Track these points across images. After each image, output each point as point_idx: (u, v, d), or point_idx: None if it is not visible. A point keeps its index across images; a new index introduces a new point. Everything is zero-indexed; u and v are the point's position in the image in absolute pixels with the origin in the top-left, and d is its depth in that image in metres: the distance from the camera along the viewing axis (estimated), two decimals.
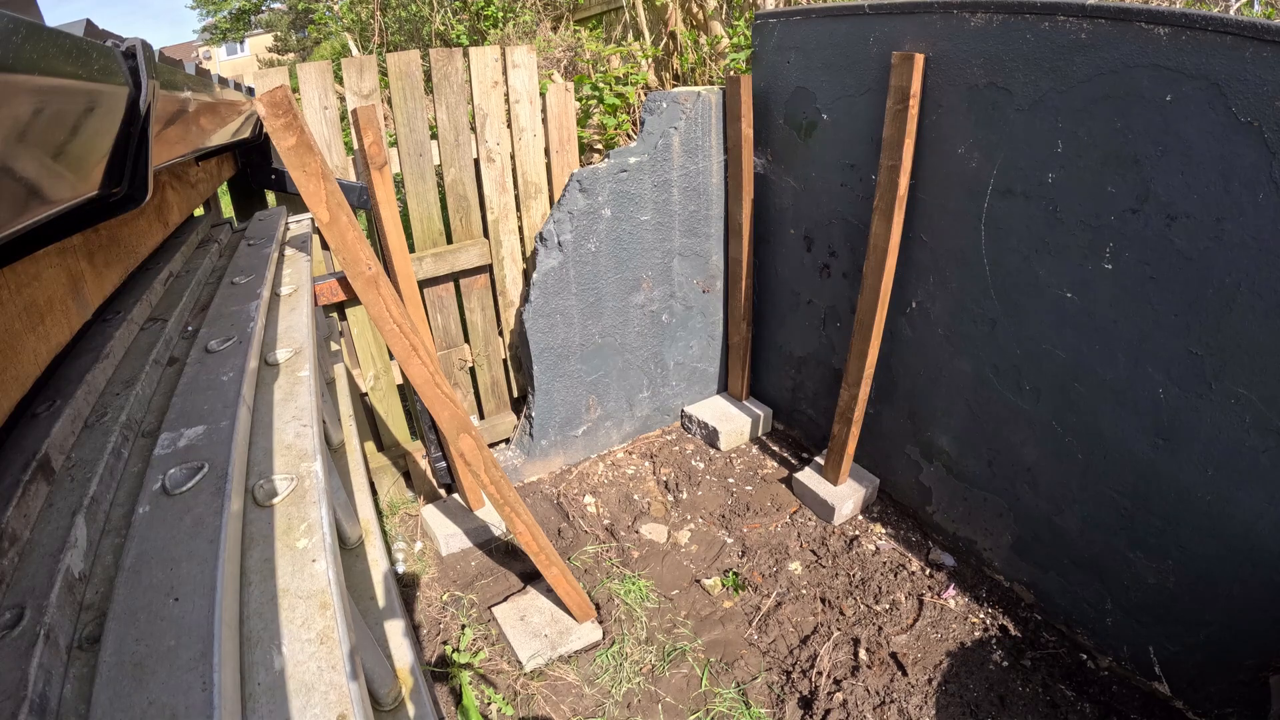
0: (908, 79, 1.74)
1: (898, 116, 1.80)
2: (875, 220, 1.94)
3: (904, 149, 1.80)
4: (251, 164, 1.79)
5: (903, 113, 1.78)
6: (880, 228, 1.94)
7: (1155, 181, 1.39)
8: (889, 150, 1.84)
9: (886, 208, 1.90)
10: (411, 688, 1.08)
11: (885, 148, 1.85)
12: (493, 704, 1.74)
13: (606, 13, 5.02)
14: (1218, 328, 1.36)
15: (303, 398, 0.77)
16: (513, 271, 2.44)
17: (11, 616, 0.44)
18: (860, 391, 2.15)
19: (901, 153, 1.81)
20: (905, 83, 1.75)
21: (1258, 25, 1.17)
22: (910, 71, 1.73)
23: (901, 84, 1.76)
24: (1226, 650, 1.52)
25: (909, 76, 1.73)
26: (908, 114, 1.76)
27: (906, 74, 1.74)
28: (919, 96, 1.77)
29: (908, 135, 1.79)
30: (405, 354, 1.43)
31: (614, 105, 3.17)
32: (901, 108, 1.78)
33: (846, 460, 2.30)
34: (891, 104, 1.80)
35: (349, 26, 6.65)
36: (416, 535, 2.32)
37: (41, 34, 0.34)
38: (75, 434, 0.65)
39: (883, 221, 1.92)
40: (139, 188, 0.55)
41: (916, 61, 1.72)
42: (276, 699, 0.46)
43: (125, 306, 0.90)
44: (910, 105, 1.75)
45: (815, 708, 1.70)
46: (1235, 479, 1.42)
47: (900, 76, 1.76)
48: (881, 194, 1.90)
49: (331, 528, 0.59)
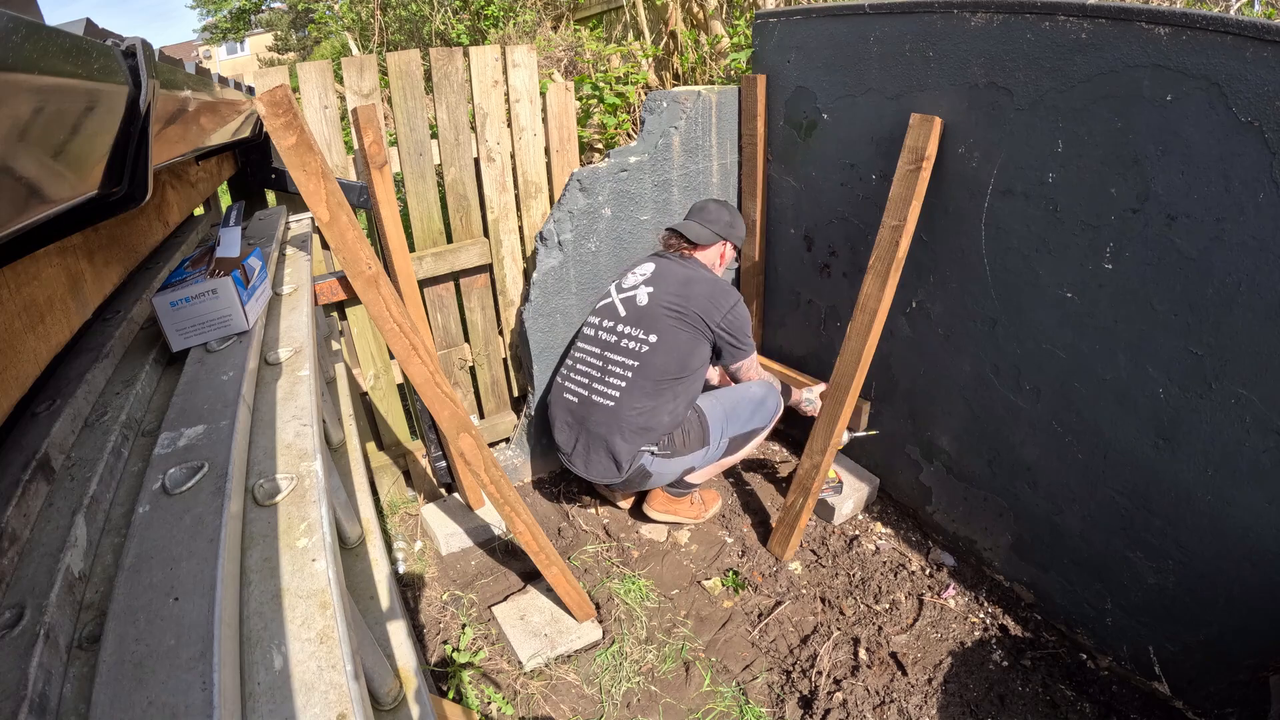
0: (925, 140, 1.68)
1: (908, 177, 1.72)
2: (869, 280, 1.84)
3: (910, 209, 1.72)
4: (251, 163, 1.79)
5: (914, 174, 1.71)
6: (873, 288, 1.83)
7: (1155, 181, 1.39)
8: (894, 209, 1.76)
9: (884, 269, 1.79)
10: (414, 688, 1.08)
11: (891, 206, 1.77)
12: (493, 703, 1.74)
13: (607, 12, 5.02)
14: (1218, 328, 1.36)
15: (303, 397, 0.77)
16: (513, 271, 2.44)
17: (11, 616, 0.44)
18: (825, 461, 2.03)
19: (907, 213, 1.73)
20: (921, 144, 1.69)
21: (1258, 25, 1.17)
22: (928, 134, 1.67)
23: (917, 145, 1.70)
24: (1226, 650, 1.53)
25: (926, 138, 1.68)
26: (919, 175, 1.70)
27: (925, 135, 1.68)
28: (933, 160, 1.72)
29: (916, 196, 1.71)
30: (405, 353, 1.43)
31: (614, 105, 3.17)
32: (914, 169, 1.71)
33: (796, 535, 2.12)
34: (904, 164, 1.74)
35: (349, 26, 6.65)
36: (416, 535, 2.32)
37: (41, 33, 0.34)
38: (75, 433, 0.65)
39: (876, 281, 1.82)
40: (139, 187, 0.55)
41: (935, 125, 1.67)
42: (276, 698, 0.46)
43: (125, 306, 0.90)
44: (924, 167, 1.69)
45: (815, 707, 1.70)
46: (1235, 479, 1.42)
47: (917, 138, 1.70)
48: (879, 254, 1.80)
49: (331, 527, 0.59)
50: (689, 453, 2.04)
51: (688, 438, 2.04)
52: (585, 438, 2.03)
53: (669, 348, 1.97)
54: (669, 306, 1.99)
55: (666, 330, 1.97)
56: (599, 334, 2.08)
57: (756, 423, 2.16)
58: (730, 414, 2.11)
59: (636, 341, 1.99)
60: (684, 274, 2.05)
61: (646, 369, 1.96)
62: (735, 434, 2.12)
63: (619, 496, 2.37)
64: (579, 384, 2.08)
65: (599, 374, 2.03)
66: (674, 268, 2.07)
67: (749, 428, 2.14)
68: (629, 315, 2.03)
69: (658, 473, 2.04)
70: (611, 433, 1.97)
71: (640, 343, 1.98)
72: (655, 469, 2.03)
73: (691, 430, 2.04)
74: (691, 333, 1.99)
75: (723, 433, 2.09)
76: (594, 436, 2.01)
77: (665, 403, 1.98)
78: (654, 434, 1.99)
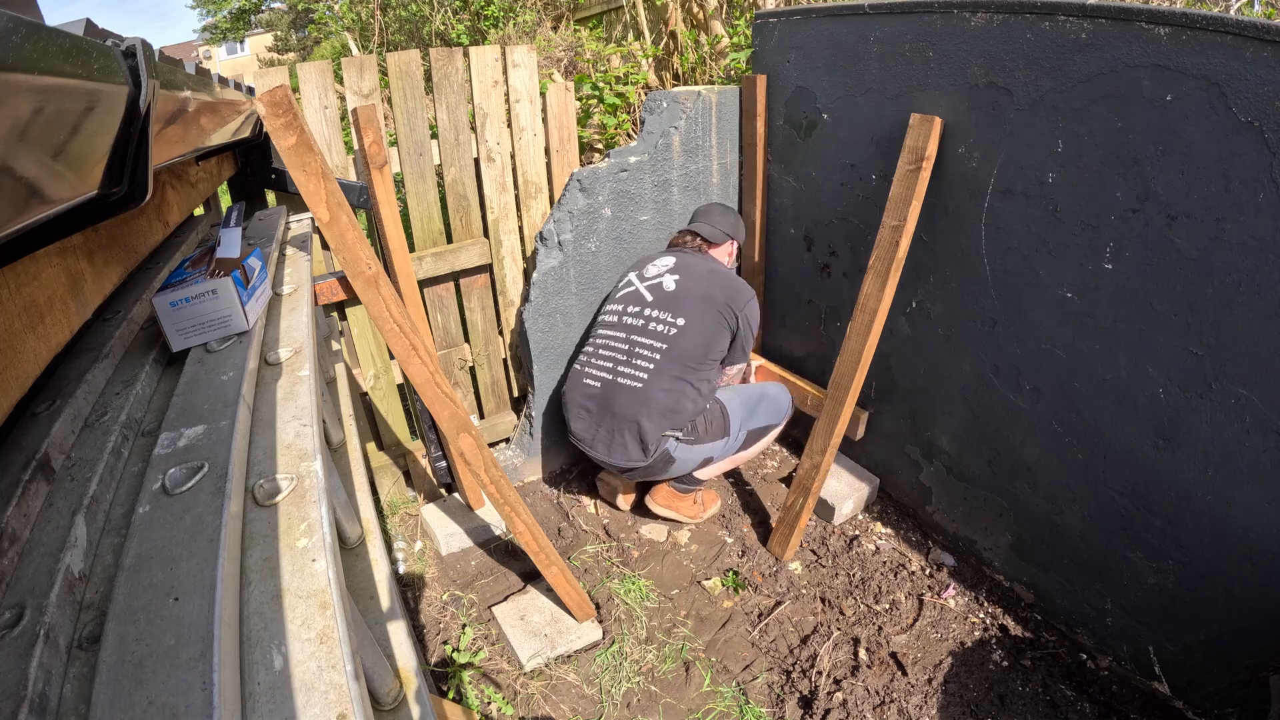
0: (925, 140, 1.69)
1: (908, 177, 1.74)
2: (869, 280, 1.86)
3: (910, 210, 1.74)
4: (251, 163, 1.79)
5: (914, 174, 1.72)
6: (873, 288, 1.85)
7: (1155, 181, 1.39)
8: (894, 209, 1.78)
9: (884, 269, 1.81)
10: (415, 688, 1.08)
11: (891, 206, 1.79)
12: (493, 703, 1.74)
13: (606, 12, 5.02)
14: (1218, 328, 1.36)
15: (303, 397, 0.77)
16: (513, 271, 2.44)
17: (11, 616, 0.44)
18: (824, 461, 2.04)
19: (907, 213, 1.74)
20: (921, 144, 1.70)
21: (1258, 25, 1.17)
22: (928, 134, 1.68)
23: (917, 145, 1.71)
24: (1226, 650, 1.53)
25: (926, 138, 1.69)
26: (919, 176, 1.71)
27: (925, 135, 1.69)
28: (933, 160, 1.73)
29: (916, 196, 1.73)
30: (405, 353, 1.43)
31: (614, 105, 3.17)
32: (914, 169, 1.72)
33: (796, 535, 2.13)
34: (904, 164, 1.75)
35: (349, 26, 6.65)
36: (416, 535, 2.32)
37: (41, 33, 0.34)
38: (75, 433, 0.65)
39: (877, 281, 1.83)
40: (139, 187, 0.55)
41: (935, 125, 1.68)
42: (276, 698, 0.46)
43: (125, 306, 0.90)
44: (924, 167, 1.71)
45: (815, 707, 1.70)
46: (1235, 479, 1.42)
47: (917, 138, 1.71)
48: (879, 254, 1.82)
49: (331, 527, 0.59)
50: (711, 441, 2.09)
51: (710, 426, 2.09)
52: (610, 422, 2.04)
53: (697, 330, 2.04)
54: (698, 292, 2.08)
55: (696, 315, 2.05)
56: (624, 319, 2.12)
57: (772, 419, 2.24)
58: (749, 407, 2.19)
59: (665, 325, 2.05)
60: (706, 266, 2.16)
61: (674, 351, 2.02)
62: (753, 427, 2.19)
63: (622, 493, 2.37)
64: (603, 368, 2.10)
65: (625, 357, 2.07)
66: (695, 260, 2.17)
67: (765, 423, 2.22)
68: (656, 300, 2.09)
69: (681, 459, 2.08)
70: (639, 414, 2.00)
71: (669, 325, 2.05)
72: (679, 454, 2.06)
73: (714, 420, 2.10)
74: (716, 318, 2.07)
75: (742, 424, 2.15)
76: (620, 419, 2.02)
77: (689, 387, 2.04)
78: (680, 416, 2.02)
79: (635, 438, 2.01)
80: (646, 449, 2.01)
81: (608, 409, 2.05)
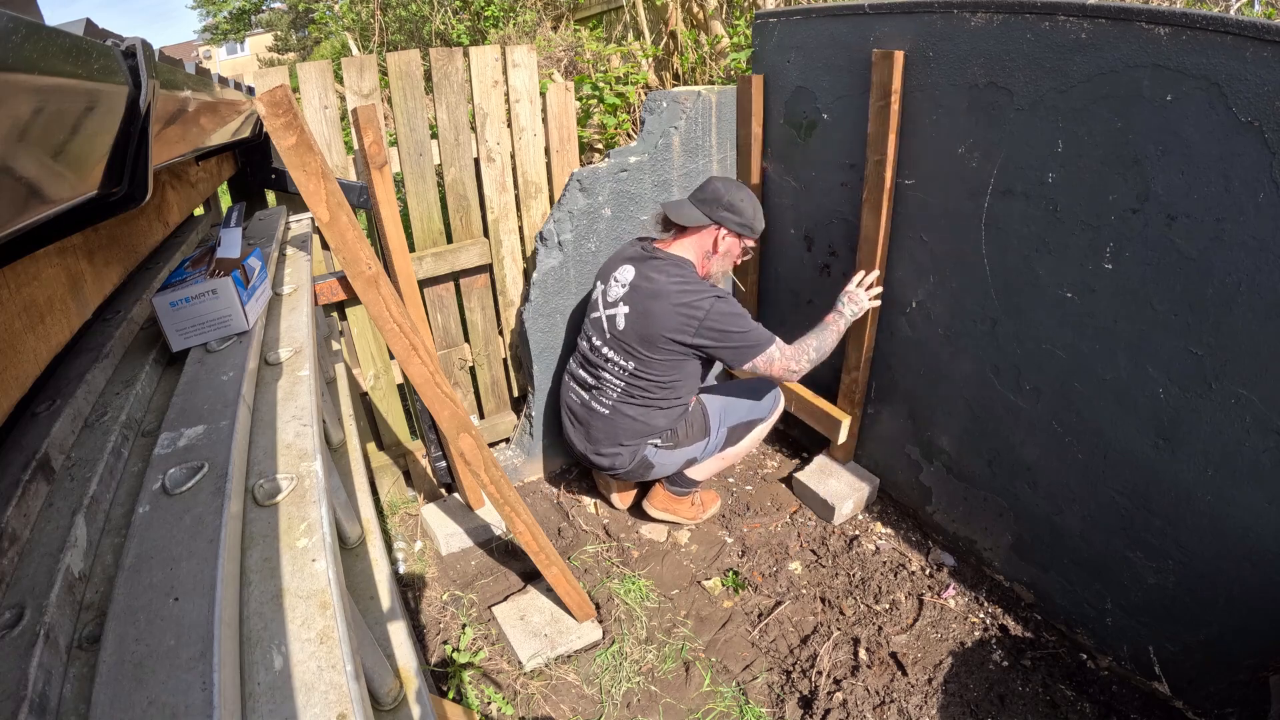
0: (889, 75, 1.78)
1: (881, 113, 1.84)
2: (865, 214, 1.99)
3: (888, 143, 1.85)
4: (251, 163, 1.79)
5: (885, 109, 1.82)
6: (870, 220, 1.98)
7: (1155, 181, 1.39)
8: (874, 145, 1.89)
9: (876, 201, 1.94)
10: (415, 688, 1.08)
11: (871, 143, 1.90)
12: (493, 703, 1.74)
13: (607, 12, 5.02)
14: (1218, 328, 1.36)
15: (303, 397, 0.77)
16: (513, 271, 2.44)
17: (11, 616, 0.44)
18: (860, 375, 2.22)
19: (886, 147, 1.85)
20: (886, 79, 1.79)
21: (1258, 25, 1.17)
22: (890, 69, 1.77)
23: (883, 80, 1.80)
24: (1226, 650, 1.52)
25: (889, 73, 1.78)
26: (890, 110, 1.81)
27: (887, 70, 1.78)
28: (900, 93, 1.81)
29: (890, 130, 1.83)
30: (405, 353, 1.43)
31: (614, 105, 3.17)
32: (884, 104, 1.82)
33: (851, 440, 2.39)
34: (874, 100, 1.85)
35: (349, 26, 6.65)
36: (416, 535, 2.32)
37: (41, 33, 0.34)
38: (75, 433, 0.65)
39: (872, 214, 1.97)
40: (139, 187, 0.55)
41: (896, 59, 1.76)
42: (276, 698, 0.46)
43: (125, 306, 0.90)
44: (892, 101, 1.80)
45: (815, 707, 1.70)
46: (1235, 479, 1.42)
47: (881, 73, 1.80)
48: (870, 188, 1.95)
49: (331, 527, 0.59)
50: (691, 444, 2.10)
51: (690, 429, 2.10)
52: (591, 433, 2.12)
53: (647, 369, 1.97)
54: (639, 332, 1.93)
55: (643, 356, 1.95)
56: (590, 348, 2.10)
57: (754, 413, 2.20)
58: (729, 404, 2.17)
59: (618, 366, 2.01)
60: (650, 289, 1.90)
61: (631, 389, 2.01)
62: (733, 423, 2.16)
63: (617, 491, 2.37)
64: (579, 388, 2.15)
65: (594, 384, 2.09)
66: (644, 282, 1.93)
67: (747, 417, 2.19)
68: (610, 338, 2.01)
69: (660, 463, 2.11)
70: (612, 438, 2.07)
71: (620, 368, 2.01)
72: (658, 460, 2.10)
73: (695, 423, 2.11)
74: (666, 354, 1.93)
75: (721, 422, 2.14)
76: (595, 441, 2.11)
77: (655, 410, 2.04)
78: (654, 432, 2.07)
79: (612, 453, 2.09)
80: (625, 459, 2.09)
81: (587, 426, 2.12)
